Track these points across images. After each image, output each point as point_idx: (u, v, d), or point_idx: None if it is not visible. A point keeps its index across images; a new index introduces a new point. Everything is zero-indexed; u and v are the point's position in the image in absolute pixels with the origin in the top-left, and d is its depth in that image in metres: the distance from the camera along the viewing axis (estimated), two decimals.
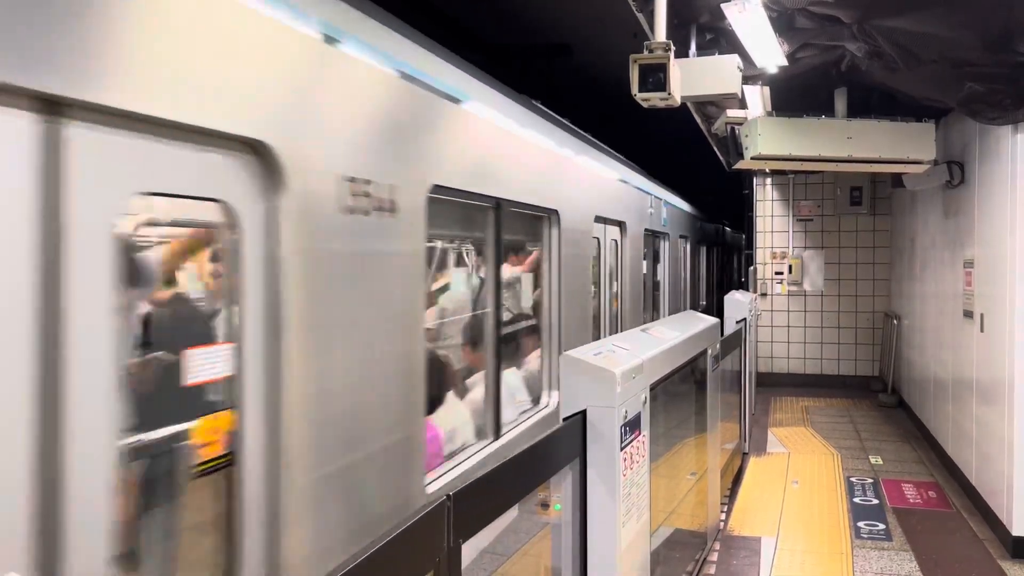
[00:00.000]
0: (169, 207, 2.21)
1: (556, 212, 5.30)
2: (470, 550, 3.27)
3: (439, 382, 4.02)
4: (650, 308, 9.43)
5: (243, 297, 2.33)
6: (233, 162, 2.29)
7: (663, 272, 10.29)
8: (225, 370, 2.32)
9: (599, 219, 6.64)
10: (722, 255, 19.25)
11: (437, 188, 3.43)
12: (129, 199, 1.96)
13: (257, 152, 2.34)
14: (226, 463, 2.33)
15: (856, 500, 6.26)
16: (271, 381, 2.40)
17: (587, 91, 11.40)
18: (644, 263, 8.60)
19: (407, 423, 3.14)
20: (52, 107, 1.74)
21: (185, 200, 2.18)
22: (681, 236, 11.57)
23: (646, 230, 8.69)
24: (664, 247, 10.26)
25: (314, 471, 2.55)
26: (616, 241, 7.56)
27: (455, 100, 3.71)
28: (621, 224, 7.55)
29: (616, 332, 7.30)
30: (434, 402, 3.82)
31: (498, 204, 4.39)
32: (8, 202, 1.66)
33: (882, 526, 5.66)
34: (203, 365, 2.31)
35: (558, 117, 5.84)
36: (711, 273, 16.74)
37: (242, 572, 2.29)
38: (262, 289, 2.38)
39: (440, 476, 3.57)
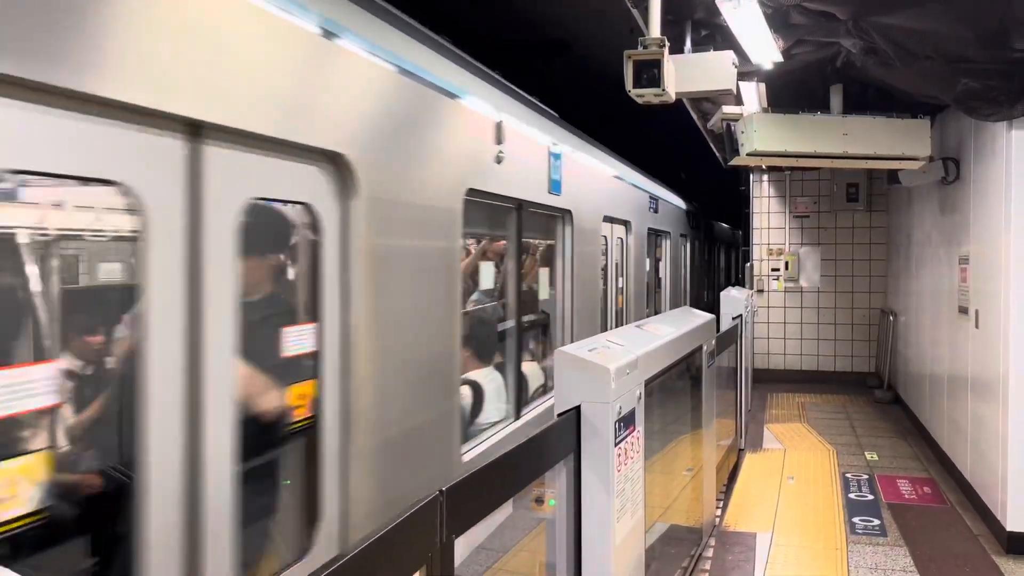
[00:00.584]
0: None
1: (569, 212, 5.82)
2: (463, 548, 3.28)
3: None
4: (652, 303, 10.06)
5: (323, 284, 2.83)
6: (317, 170, 2.82)
7: (664, 269, 11.01)
8: (310, 346, 2.81)
9: (607, 219, 7.16)
10: (719, 252, 19.36)
11: (472, 191, 4.06)
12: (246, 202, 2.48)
13: (336, 163, 2.85)
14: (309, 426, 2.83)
15: (851, 496, 6.27)
16: (344, 356, 2.89)
17: (585, 87, 11.40)
18: (647, 260, 9.29)
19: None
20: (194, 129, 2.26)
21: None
22: (681, 235, 12.13)
23: (649, 228, 9.23)
24: (665, 245, 10.80)
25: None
26: (622, 239, 8.09)
27: (496, 121, 4.48)
28: (627, 223, 8.09)
29: (621, 325, 7.64)
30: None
31: (520, 205, 5.02)
32: (164, 206, 2.17)
33: (877, 522, 5.68)
34: (294, 341, 2.80)
35: (570, 125, 6.34)
36: (712, 270, 17.40)
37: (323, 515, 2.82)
38: (338, 277, 2.89)
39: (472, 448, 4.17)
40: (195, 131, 2.26)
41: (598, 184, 6.83)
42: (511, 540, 4.03)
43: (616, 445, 2.83)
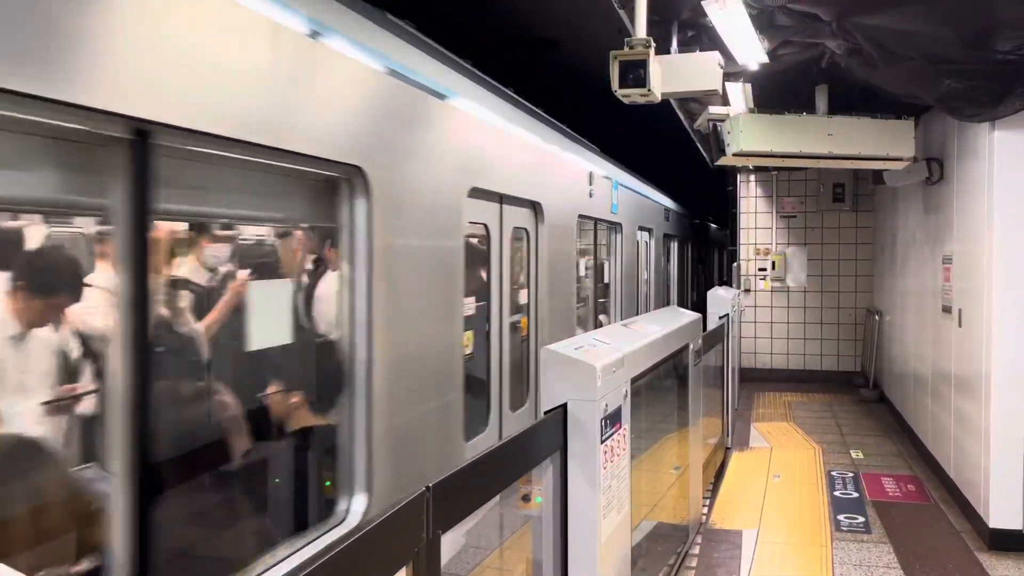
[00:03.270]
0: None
1: (620, 224, 8.86)
2: (451, 545, 3.29)
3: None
4: (663, 294, 12.48)
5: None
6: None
7: (673, 267, 13.12)
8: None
9: (640, 228, 10.07)
10: (707, 252, 19.65)
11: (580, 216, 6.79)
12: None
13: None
14: None
15: (837, 493, 6.32)
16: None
17: (573, 86, 11.42)
18: (662, 258, 12.04)
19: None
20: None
21: None
22: (685, 239, 14.42)
23: (664, 234, 11.91)
24: (673, 247, 13.11)
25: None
26: (647, 242, 10.76)
27: (588, 171, 7.31)
28: (650, 230, 10.83)
29: (646, 308, 10.61)
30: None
31: (596, 222, 7.92)
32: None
33: (862, 519, 5.73)
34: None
35: (614, 160, 8.93)
36: (708, 269, 19.53)
37: None
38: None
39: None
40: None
41: (635, 201, 9.63)
42: (499, 538, 4.05)
43: (602, 442, 2.85)
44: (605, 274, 8.77)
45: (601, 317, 8.48)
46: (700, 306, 7.55)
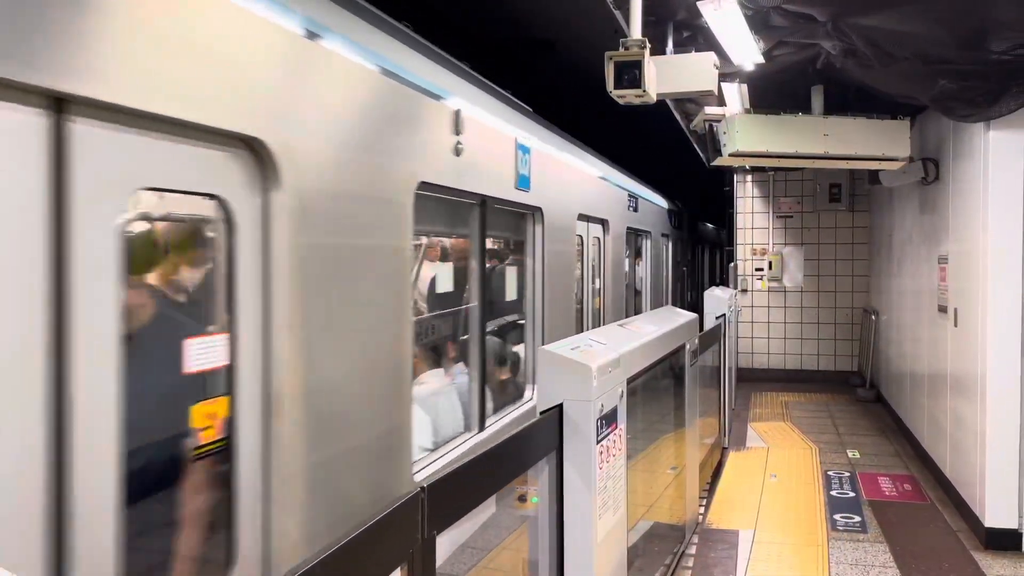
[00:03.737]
0: None
1: (648, 232, 10.61)
2: (449, 544, 3.29)
3: None
4: (678, 287, 14.23)
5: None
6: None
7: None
8: None
9: (662, 235, 11.89)
10: (704, 252, 19.72)
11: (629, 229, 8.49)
12: None
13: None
14: None
15: (833, 493, 6.33)
16: None
17: (572, 87, 11.44)
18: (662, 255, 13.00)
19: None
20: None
21: None
22: (696, 241, 16.41)
23: (662, 234, 12.57)
24: (668, 245, 13.86)
25: None
26: (668, 246, 12.60)
27: (629, 193, 9.22)
28: (667, 235, 12.42)
29: (667, 299, 12.28)
30: None
31: (629, 228, 9.25)
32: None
33: (858, 518, 5.74)
34: None
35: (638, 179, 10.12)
36: (713, 268, 21.07)
37: None
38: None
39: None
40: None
41: (651, 210, 10.95)
42: (496, 538, 4.05)
43: (598, 443, 2.86)
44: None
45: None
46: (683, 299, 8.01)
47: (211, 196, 2.37)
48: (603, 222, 7.94)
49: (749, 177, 12.04)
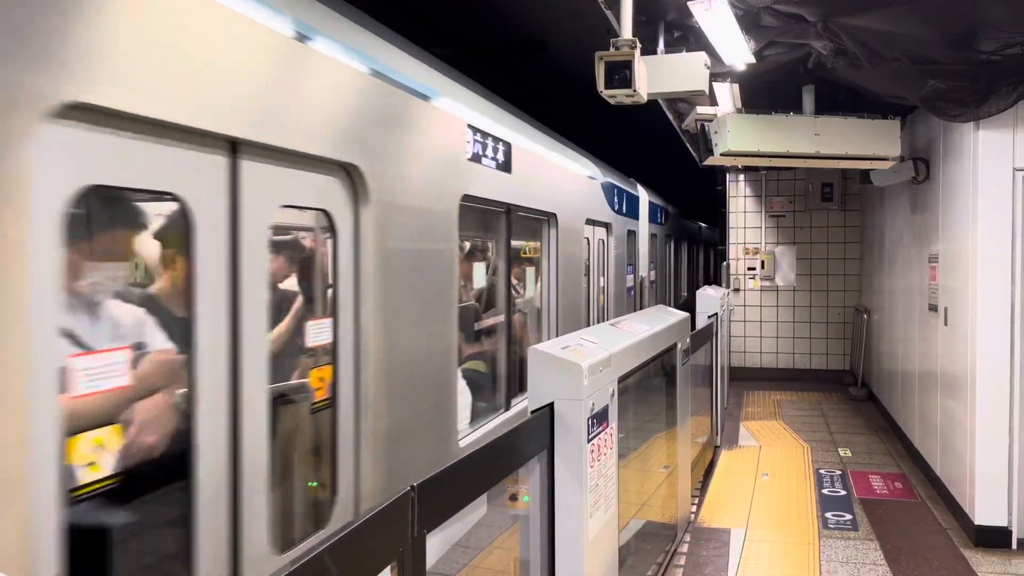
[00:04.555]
0: None
1: (668, 234, 11.89)
2: (440, 543, 3.29)
3: None
4: (672, 282, 14.71)
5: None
6: None
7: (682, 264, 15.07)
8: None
9: (666, 237, 13.04)
10: (697, 251, 19.83)
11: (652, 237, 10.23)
12: None
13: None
14: None
15: (824, 491, 6.36)
16: None
17: (563, 88, 11.44)
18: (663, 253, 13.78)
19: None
20: None
21: None
22: (692, 240, 17.20)
23: (664, 234, 13.32)
24: (670, 244, 14.64)
25: None
26: (673, 246, 13.89)
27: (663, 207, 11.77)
28: (670, 235, 13.53)
29: (670, 293, 13.58)
30: None
31: (653, 234, 10.30)
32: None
33: (849, 516, 5.76)
34: None
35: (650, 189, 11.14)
36: (707, 267, 21.82)
37: None
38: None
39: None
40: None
41: (650, 211, 11.27)
42: (487, 538, 4.06)
43: (589, 441, 2.87)
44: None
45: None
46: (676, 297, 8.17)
47: (320, 210, 3.06)
48: (607, 225, 8.42)
49: (741, 177, 12.08)
